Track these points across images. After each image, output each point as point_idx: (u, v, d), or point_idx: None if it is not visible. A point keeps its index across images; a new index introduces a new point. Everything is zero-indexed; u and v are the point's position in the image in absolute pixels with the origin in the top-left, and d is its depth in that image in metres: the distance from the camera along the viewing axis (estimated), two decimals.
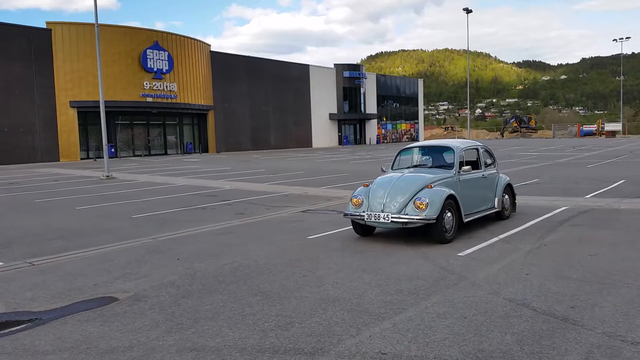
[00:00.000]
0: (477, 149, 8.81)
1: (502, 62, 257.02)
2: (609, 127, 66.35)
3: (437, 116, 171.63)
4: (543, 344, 3.78)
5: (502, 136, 75.86)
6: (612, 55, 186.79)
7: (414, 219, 7.19)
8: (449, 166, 8.19)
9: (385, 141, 63.42)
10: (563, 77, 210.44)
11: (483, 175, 8.66)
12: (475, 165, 8.70)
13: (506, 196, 9.20)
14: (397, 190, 7.54)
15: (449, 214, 7.44)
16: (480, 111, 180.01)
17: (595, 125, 69.26)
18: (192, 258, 7.00)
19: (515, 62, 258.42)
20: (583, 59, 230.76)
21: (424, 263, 6.30)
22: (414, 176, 7.90)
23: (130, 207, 12.59)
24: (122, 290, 5.65)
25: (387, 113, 65.17)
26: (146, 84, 37.86)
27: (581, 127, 70.35)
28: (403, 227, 7.42)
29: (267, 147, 48.39)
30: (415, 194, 7.40)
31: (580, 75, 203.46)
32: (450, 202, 7.48)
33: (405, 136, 67.27)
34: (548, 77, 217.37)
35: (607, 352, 3.60)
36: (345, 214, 7.92)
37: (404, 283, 5.46)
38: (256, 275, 5.97)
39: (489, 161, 9.12)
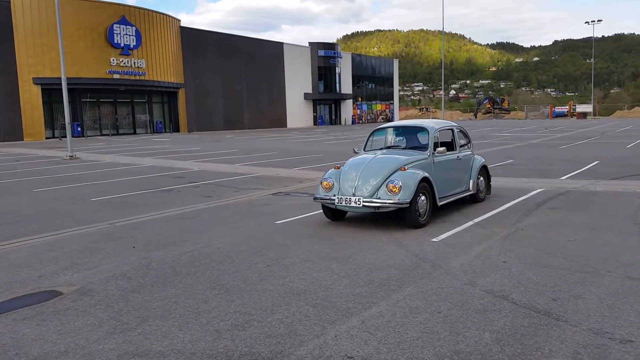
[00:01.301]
0: (452, 130, 8.45)
1: (476, 43, 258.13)
2: (580, 108, 67.28)
3: (412, 97, 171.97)
4: (525, 343, 3.45)
5: (476, 117, 76.30)
6: (584, 38, 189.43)
7: (386, 203, 6.81)
8: (424, 147, 7.81)
9: (361, 122, 63.05)
10: (536, 59, 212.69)
11: (458, 156, 8.32)
12: (450, 146, 8.35)
13: (481, 178, 8.90)
14: (369, 173, 7.14)
15: (422, 198, 7.09)
16: (455, 92, 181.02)
17: (567, 107, 70.16)
18: (150, 246, 6.51)
19: (489, 43, 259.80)
20: (555, 41, 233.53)
21: (396, 250, 5.95)
22: (387, 158, 7.51)
23: (90, 189, 11.93)
24: (68, 283, 5.14)
25: (363, 93, 64.68)
26: (113, 60, 36.46)
27: (553, 109, 71.18)
28: (375, 211, 7.03)
29: (240, 127, 47.49)
30: (388, 177, 7.01)
31: (553, 58, 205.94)
32: (425, 185, 7.12)
33: (380, 117, 67.02)
34: (521, 59, 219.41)
35: (594, 353, 3.29)
36: (315, 198, 7.50)
37: (375, 273, 5.09)
38: (216, 265, 5.52)
39: (464, 142, 8.79)
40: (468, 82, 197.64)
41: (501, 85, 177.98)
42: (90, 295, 4.76)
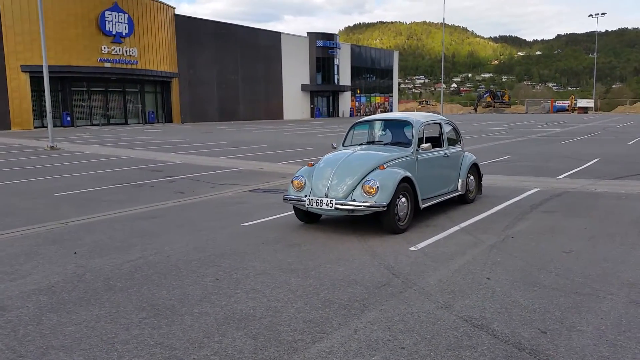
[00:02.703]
0: (439, 124, 7.69)
1: (478, 36, 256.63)
2: (582, 103, 66.41)
3: (413, 90, 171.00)
4: None
5: (476, 111, 75.44)
6: (587, 32, 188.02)
7: (361, 206, 6.07)
8: (407, 143, 7.06)
9: (359, 114, 62.16)
10: (538, 53, 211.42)
11: (445, 154, 7.57)
12: (437, 142, 7.61)
13: (471, 177, 8.16)
14: (345, 172, 6.40)
15: (403, 200, 6.36)
16: (456, 86, 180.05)
17: (568, 102, 69.24)
18: (94, 251, 5.79)
19: (492, 37, 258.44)
20: (558, 35, 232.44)
21: (368, 261, 5.22)
22: (365, 154, 6.77)
23: (58, 183, 11.21)
24: None
25: (362, 85, 63.73)
26: (104, 48, 35.59)
27: (554, 103, 70.27)
28: (350, 214, 6.30)
29: (235, 118, 46.66)
30: (365, 176, 6.28)
31: (555, 52, 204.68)
32: (406, 186, 6.38)
33: (379, 109, 66.13)
34: (523, 53, 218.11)
35: None
36: (285, 198, 6.77)
37: (337, 291, 4.36)
38: (158, 278, 4.80)
39: (453, 138, 8.04)
40: (470, 75, 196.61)
41: (503, 79, 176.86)
42: (0, 314, 4.04)
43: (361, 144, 7.41)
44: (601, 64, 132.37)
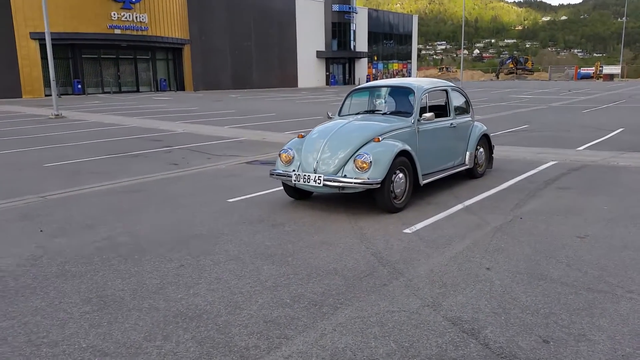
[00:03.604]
0: (445, 91, 6.97)
1: (502, 1, 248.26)
2: (608, 70, 63.91)
3: (434, 56, 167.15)
4: None
5: (497, 77, 73.26)
6: None
7: (352, 182, 5.48)
8: (408, 113, 6.39)
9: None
10: (564, 18, 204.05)
11: (452, 124, 6.87)
12: (443, 111, 6.92)
13: (481, 149, 7.48)
14: (336, 144, 5.79)
15: (400, 175, 5.75)
16: (479, 52, 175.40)
17: (593, 68, 66.68)
18: (61, 229, 5.34)
19: (516, 1, 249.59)
20: None
21: (355, 245, 4.67)
22: (360, 125, 6.13)
23: (51, 153, 10.82)
24: None
25: (379, 52, 62.04)
26: (114, 14, 34.85)
27: (579, 70, 67.77)
28: (340, 192, 5.72)
29: (249, 86, 45.84)
30: (358, 150, 5.67)
31: (582, 17, 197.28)
32: (403, 160, 5.76)
33: (397, 76, 64.56)
34: (548, 18, 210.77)
35: None
36: (272, 173, 6.20)
37: (311, 283, 3.83)
38: (117, 263, 4.32)
39: (461, 106, 7.33)
40: (493, 41, 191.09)
41: (527, 45, 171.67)
42: None
43: (358, 114, 6.77)
44: (630, 28, 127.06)
